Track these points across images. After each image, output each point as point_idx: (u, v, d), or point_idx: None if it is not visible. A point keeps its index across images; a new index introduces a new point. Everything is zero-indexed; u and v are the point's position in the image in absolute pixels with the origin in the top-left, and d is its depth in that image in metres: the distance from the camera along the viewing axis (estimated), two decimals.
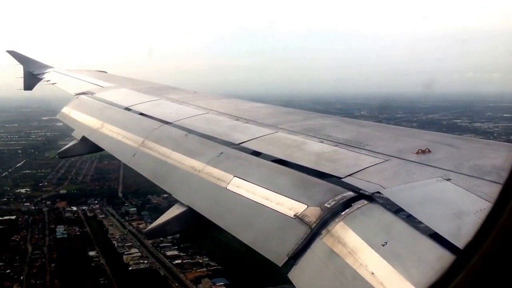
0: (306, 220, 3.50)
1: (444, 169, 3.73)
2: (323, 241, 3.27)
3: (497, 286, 1.16)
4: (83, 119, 8.77)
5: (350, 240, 3.13)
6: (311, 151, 4.80)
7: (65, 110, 9.72)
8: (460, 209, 3.07)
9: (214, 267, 47.14)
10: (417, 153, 4.24)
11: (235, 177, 4.54)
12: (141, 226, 55.57)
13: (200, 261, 48.77)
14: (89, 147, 8.03)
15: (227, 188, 4.49)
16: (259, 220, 3.95)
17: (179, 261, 48.91)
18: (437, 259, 2.60)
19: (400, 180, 3.72)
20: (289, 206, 3.75)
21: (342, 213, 3.40)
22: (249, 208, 4.10)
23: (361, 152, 4.51)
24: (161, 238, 50.49)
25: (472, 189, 3.28)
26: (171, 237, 50.92)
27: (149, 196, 63.87)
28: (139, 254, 51.11)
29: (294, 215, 3.62)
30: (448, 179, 3.53)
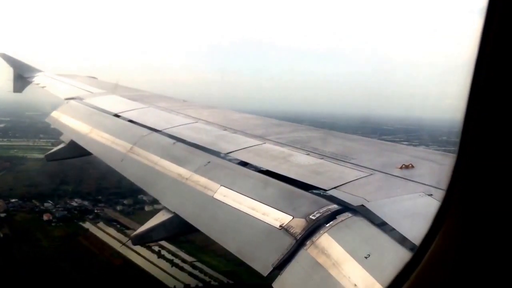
0: (291, 231, 3.54)
1: (426, 185, 3.82)
2: (308, 252, 3.31)
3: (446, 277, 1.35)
4: (72, 124, 8.77)
5: (334, 251, 3.17)
6: (298, 163, 4.86)
7: (54, 114, 9.70)
8: None
9: None
10: (401, 168, 4.32)
11: (222, 186, 4.57)
12: None
13: None
14: (77, 151, 8.06)
15: (214, 196, 4.51)
16: (245, 229, 3.98)
17: None
18: None
19: (383, 194, 3.80)
20: (274, 217, 3.79)
21: (327, 225, 3.45)
22: (235, 218, 4.12)
23: (347, 166, 4.59)
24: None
25: None
26: None
27: (16, 199, 58.95)
28: None
29: (280, 226, 3.66)
30: (430, 195, 3.61)
